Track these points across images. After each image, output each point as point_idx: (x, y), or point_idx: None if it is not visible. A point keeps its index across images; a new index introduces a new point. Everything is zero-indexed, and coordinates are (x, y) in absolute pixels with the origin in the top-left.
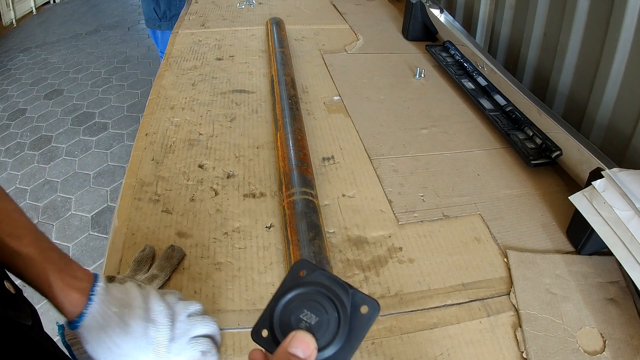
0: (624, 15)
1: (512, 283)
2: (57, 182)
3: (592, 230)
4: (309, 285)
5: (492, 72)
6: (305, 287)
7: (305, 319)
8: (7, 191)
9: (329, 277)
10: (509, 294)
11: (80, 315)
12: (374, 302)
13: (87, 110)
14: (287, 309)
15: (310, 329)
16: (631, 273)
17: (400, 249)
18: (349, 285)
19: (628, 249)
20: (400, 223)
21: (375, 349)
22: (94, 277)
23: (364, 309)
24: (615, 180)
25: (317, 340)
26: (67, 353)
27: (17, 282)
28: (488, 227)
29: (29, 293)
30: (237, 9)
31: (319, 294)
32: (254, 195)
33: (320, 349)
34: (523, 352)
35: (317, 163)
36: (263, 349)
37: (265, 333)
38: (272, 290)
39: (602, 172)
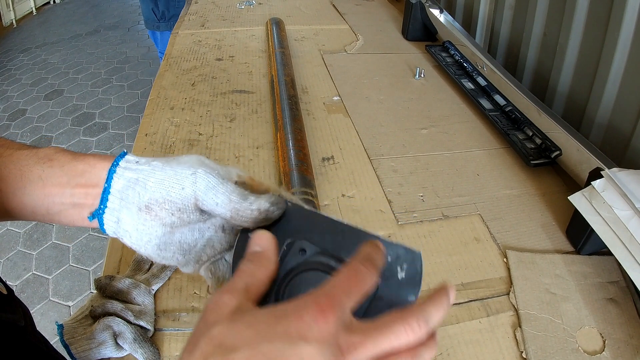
0: (623, 15)
1: (511, 283)
2: None
3: (592, 230)
4: (313, 265)
5: (491, 72)
6: (310, 267)
7: None
8: None
9: (330, 259)
10: (508, 294)
11: (122, 154)
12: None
13: (87, 110)
14: (293, 290)
15: None
16: (630, 273)
17: None
18: (342, 259)
19: (627, 248)
20: (399, 223)
21: None
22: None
23: None
24: (615, 180)
25: None
26: (65, 352)
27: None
28: (488, 227)
29: (27, 295)
30: (237, 9)
31: (324, 274)
32: None
33: None
34: (522, 352)
35: (316, 163)
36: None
37: None
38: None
39: (602, 172)
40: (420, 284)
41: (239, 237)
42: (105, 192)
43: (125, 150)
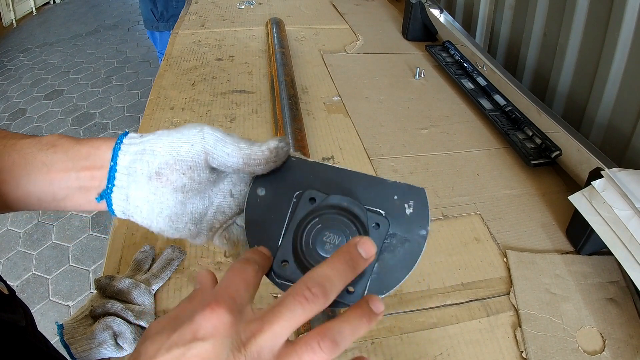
0: (623, 15)
1: (511, 283)
2: None
3: (592, 230)
4: (325, 209)
5: (491, 72)
6: (322, 211)
7: (329, 240)
8: None
9: (342, 199)
10: (508, 294)
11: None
12: (384, 219)
13: (87, 110)
14: (310, 235)
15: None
16: (630, 273)
17: None
18: (360, 204)
19: (627, 248)
20: None
21: (375, 349)
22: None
23: (376, 226)
24: (615, 180)
25: None
26: (65, 353)
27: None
28: (488, 227)
29: (27, 295)
30: (237, 9)
31: (336, 215)
32: None
33: None
34: (522, 351)
35: None
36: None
37: (285, 264)
38: (273, 289)
39: (602, 172)
40: (429, 217)
41: (248, 197)
42: (112, 170)
43: (127, 130)
